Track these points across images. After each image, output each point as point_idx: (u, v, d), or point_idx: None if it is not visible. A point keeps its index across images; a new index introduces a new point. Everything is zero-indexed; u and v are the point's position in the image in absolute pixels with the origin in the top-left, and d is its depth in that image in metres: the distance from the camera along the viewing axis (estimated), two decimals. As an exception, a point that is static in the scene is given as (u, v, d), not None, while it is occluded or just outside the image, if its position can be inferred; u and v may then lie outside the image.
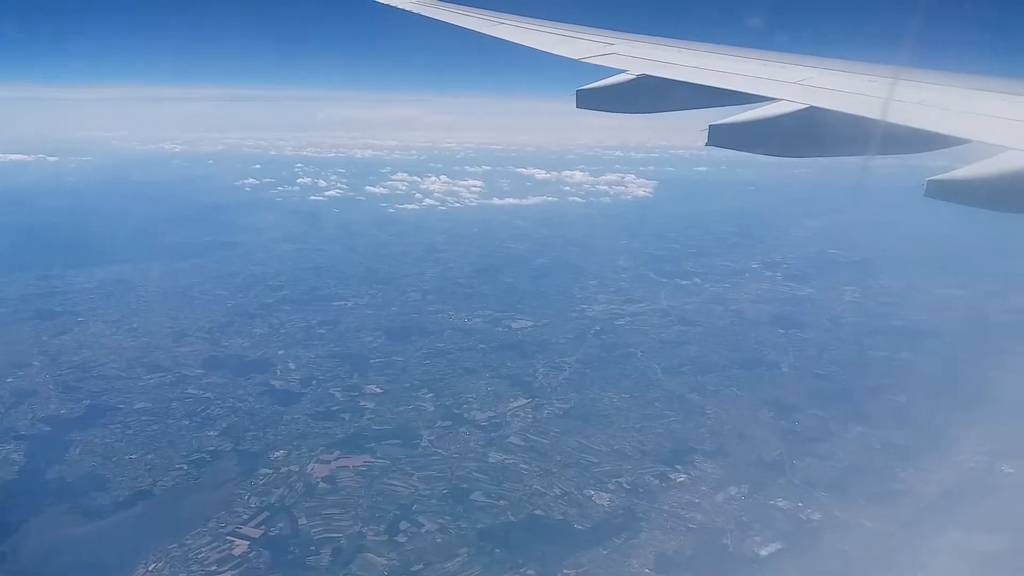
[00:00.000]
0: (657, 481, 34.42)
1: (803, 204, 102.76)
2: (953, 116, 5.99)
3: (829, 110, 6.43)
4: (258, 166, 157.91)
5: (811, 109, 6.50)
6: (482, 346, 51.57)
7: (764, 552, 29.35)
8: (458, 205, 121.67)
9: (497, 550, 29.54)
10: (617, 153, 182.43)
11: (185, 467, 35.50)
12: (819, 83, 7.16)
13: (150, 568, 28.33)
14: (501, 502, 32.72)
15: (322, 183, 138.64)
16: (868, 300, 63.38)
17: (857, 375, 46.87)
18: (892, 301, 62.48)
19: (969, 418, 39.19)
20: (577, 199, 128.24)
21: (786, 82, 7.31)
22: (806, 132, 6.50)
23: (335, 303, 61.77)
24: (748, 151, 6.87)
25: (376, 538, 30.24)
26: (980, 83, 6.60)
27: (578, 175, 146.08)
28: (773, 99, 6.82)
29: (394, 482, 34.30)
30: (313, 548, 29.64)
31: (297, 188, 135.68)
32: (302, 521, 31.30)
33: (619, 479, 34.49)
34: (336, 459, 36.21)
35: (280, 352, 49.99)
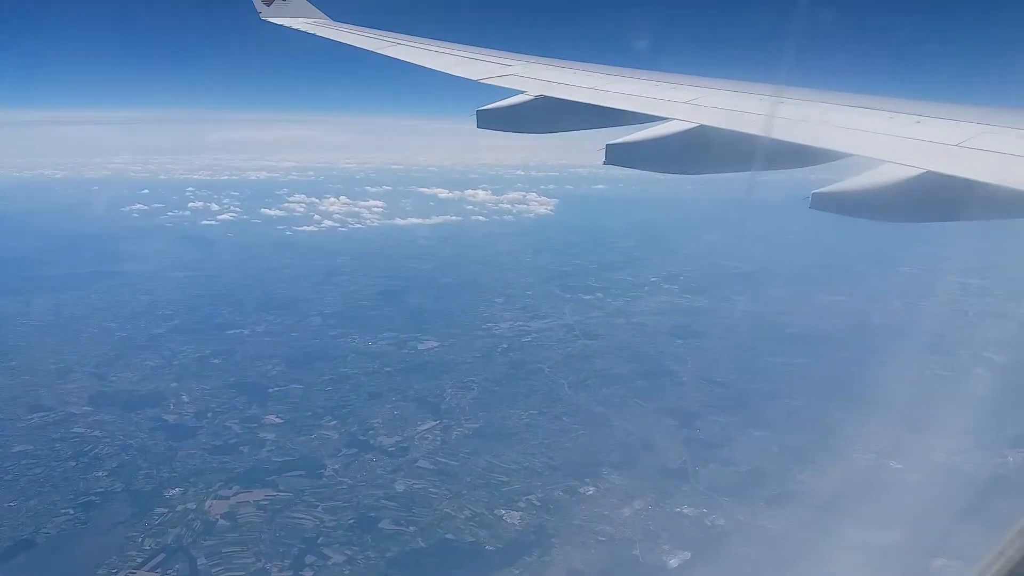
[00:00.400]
0: (567, 496, 34.60)
1: (696, 219, 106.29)
2: (834, 132, 6.25)
3: (718, 128, 6.60)
4: (146, 191, 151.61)
5: (701, 128, 6.66)
6: (387, 369, 50.79)
7: (673, 562, 29.92)
8: (359, 226, 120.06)
9: (407, 578, 29.03)
10: (519, 172, 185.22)
11: (72, 512, 33.28)
12: (708, 102, 7.34)
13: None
14: (411, 528, 32.14)
15: (215, 207, 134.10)
16: (760, 309, 65.86)
17: (753, 381, 48.53)
18: (782, 309, 65.13)
19: (859, 418, 41.11)
20: (480, 218, 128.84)
21: (677, 102, 7.48)
22: (697, 150, 6.65)
23: (230, 331, 59.55)
24: (644, 169, 7.00)
25: (281, 574, 29.11)
26: (859, 100, 6.91)
27: (481, 194, 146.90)
28: (666, 118, 6.97)
29: (298, 515, 33.18)
30: (214, 590, 28.19)
31: (188, 213, 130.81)
32: (201, 561, 29.88)
33: (529, 496, 34.50)
34: (236, 494, 34.75)
35: (173, 385, 47.76)
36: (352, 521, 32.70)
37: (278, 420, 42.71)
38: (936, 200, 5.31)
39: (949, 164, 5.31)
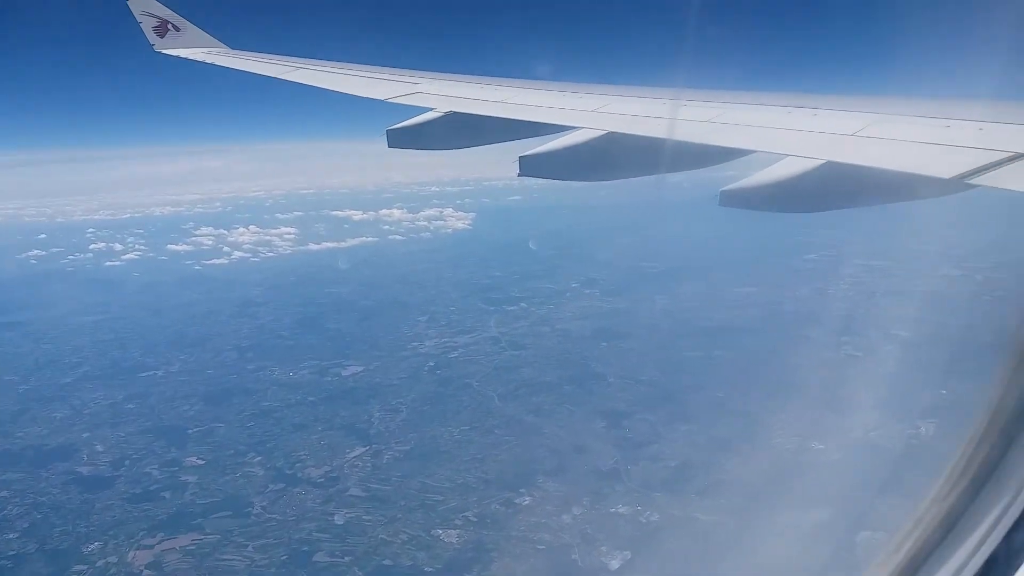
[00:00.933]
0: (503, 508, 34.51)
1: (611, 223, 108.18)
2: (736, 130, 6.41)
3: (626, 134, 6.69)
4: (43, 235, 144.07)
5: (609, 135, 6.75)
6: (311, 399, 49.66)
7: (614, 563, 30.12)
8: (272, 255, 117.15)
9: (347, 608, 28.38)
10: (433, 188, 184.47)
11: (-19, 580, 31.26)
12: (614, 109, 7.46)
13: None
14: (346, 559, 31.51)
15: (118, 247, 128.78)
16: (677, 306, 67.32)
17: (676, 377, 49.49)
18: (698, 305, 66.78)
19: (779, 403, 42.35)
20: (398, 237, 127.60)
21: (584, 111, 7.60)
22: (606, 157, 6.74)
23: (143, 374, 57.17)
24: (557, 178, 7.05)
25: (213, 621, 28.28)
26: (758, 98, 7.10)
27: (396, 213, 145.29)
28: (575, 127, 7.04)
29: (228, 556, 32.20)
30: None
31: (90, 255, 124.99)
32: (127, 617, 28.58)
33: (466, 513, 34.25)
34: (160, 542, 33.41)
35: (85, 435, 45.49)
36: (285, 557, 31.90)
37: (200, 461, 41.26)
38: (836, 188, 5.50)
39: (846, 153, 5.51)
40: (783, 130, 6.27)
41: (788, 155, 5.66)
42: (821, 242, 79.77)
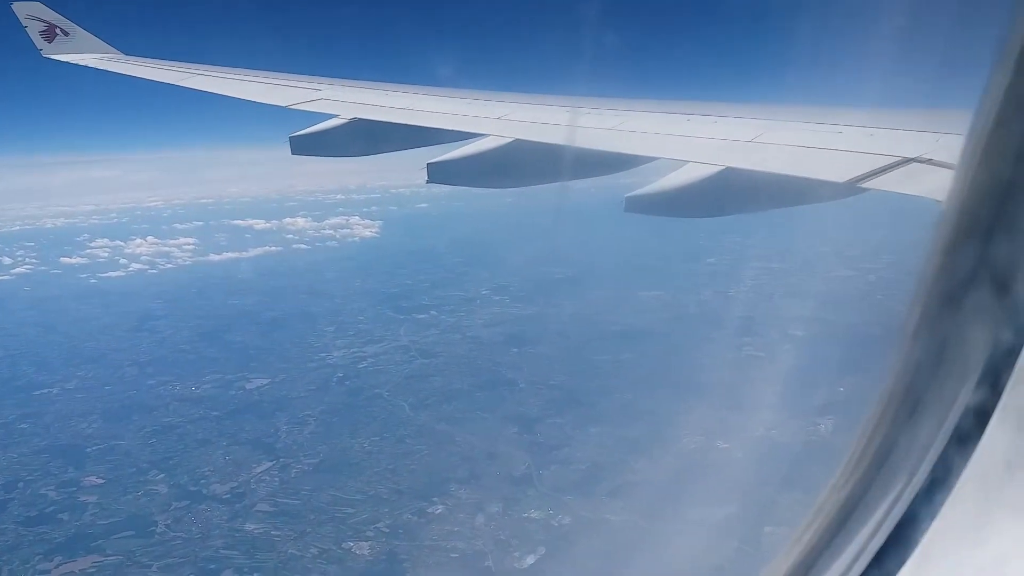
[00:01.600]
0: (416, 518, 34.32)
1: (518, 230, 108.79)
2: (640, 138, 6.63)
3: (532, 141, 6.82)
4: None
5: (516, 142, 6.85)
6: (215, 413, 48.09)
7: (523, 566, 30.41)
8: (170, 266, 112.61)
9: (256, 627, 27.67)
10: (338, 196, 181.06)
11: None
12: (519, 117, 7.58)
13: None
14: (255, 575, 30.69)
15: (7, 260, 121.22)
16: (585, 311, 68.34)
17: (586, 380, 50.32)
18: (606, 309, 68.04)
19: (685, 404, 43.55)
20: (302, 246, 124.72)
21: (490, 118, 7.68)
22: (513, 163, 6.85)
23: (37, 392, 54.16)
24: (465, 185, 7.09)
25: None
26: (659, 106, 7.37)
27: (300, 221, 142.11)
28: (481, 135, 7.10)
29: (130, 578, 30.98)
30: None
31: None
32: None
33: (377, 524, 33.89)
34: (58, 566, 31.98)
35: (-28, 458, 42.82)
36: (191, 577, 30.81)
37: (99, 480, 39.50)
38: (735, 193, 5.77)
39: (744, 159, 5.79)
40: (683, 137, 6.52)
41: (689, 161, 5.92)
42: (722, 246, 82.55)
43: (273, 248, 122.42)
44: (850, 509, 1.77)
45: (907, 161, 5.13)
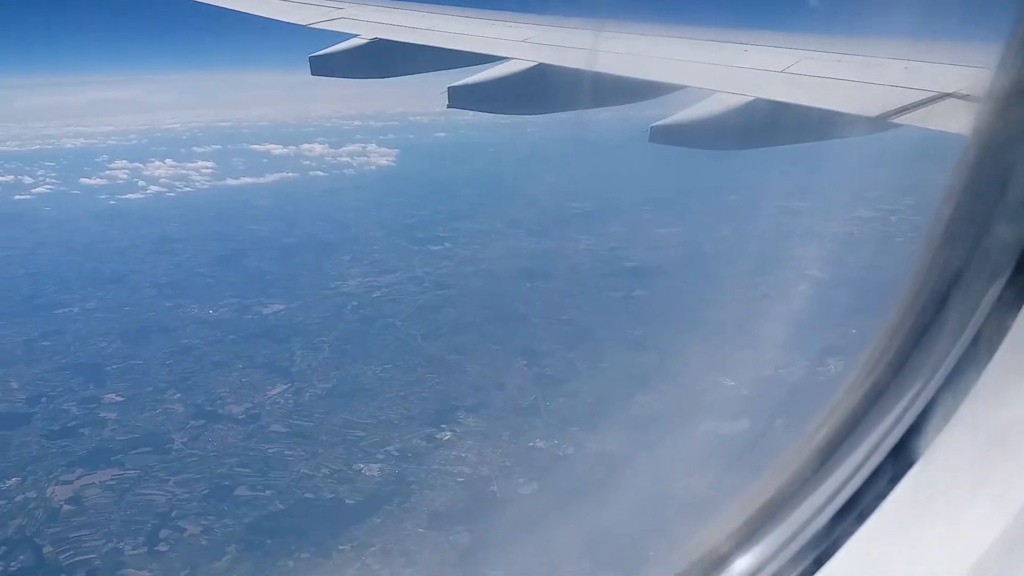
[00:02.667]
0: (425, 443, 35.17)
1: (538, 162, 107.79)
2: (668, 65, 6.48)
3: (556, 66, 6.69)
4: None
5: (540, 66, 6.73)
6: (231, 336, 48.97)
7: (526, 491, 31.22)
8: (189, 190, 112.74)
9: (268, 541, 28.79)
10: (356, 123, 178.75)
11: None
12: (545, 40, 7.41)
13: None
14: (267, 492, 31.80)
15: (28, 180, 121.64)
16: (601, 246, 68.32)
17: (598, 316, 50.59)
18: (621, 244, 67.91)
19: (695, 341, 43.65)
20: (319, 173, 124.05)
21: (515, 41, 7.50)
22: (537, 89, 6.75)
23: (58, 311, 55.22)
24: (487, 111, 7.01)
25: (135, 552, 28.37)
26: (690, 33, 7.17)
27: (318, 148, 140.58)
28: (505, 58, 6.97)
29: (148, 491, 32.16)
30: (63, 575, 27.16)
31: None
32: (47, 549, 28.55)
33: (387, 448, 34.79)
34: (79, 478, 33.09)
35: (-1, 372, 44.20)
36: (206, 492, 32.02)
37: (119, 398, 40.59)
38: (764, 125, 5.66)
39: (775, 90, 5.67)
40: (713, 65, 6.38)
41: (717, 91, 5.79)
42: (743, 182, 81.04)
43: (290, 174, 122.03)
44: (866, 408, 1.85)
45: (943, 96, 4.99)
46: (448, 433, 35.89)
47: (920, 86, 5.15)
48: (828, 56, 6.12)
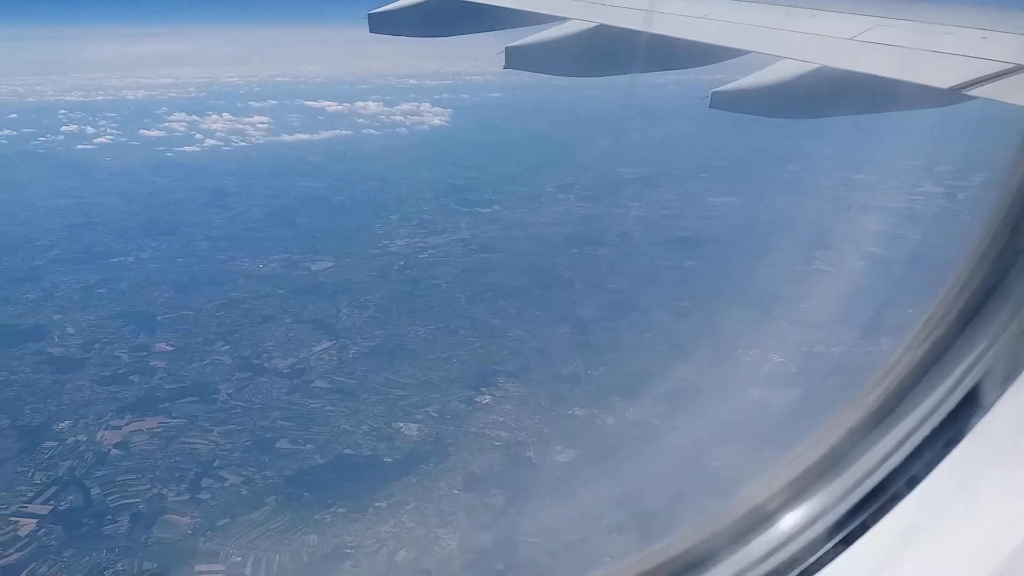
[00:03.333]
0: (464, 406, 35.34)
1: (593, 126, 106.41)
2: (732, 29, 6.15)
3: (616, 27, 6.40)
4: (14, 115, 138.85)
5: (600, 27, 6.45)
6: (280, 291, 49.73)
7: (563, 459, 31.15)
8: (244, 144, 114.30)
9: (306, 493, 29.34)
10: (411, 81, 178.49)
11: (-45, 451, 32.08)
12: (606, 0, 7.11)
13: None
14: (308, 446, 32.38)
15: (90, 130, 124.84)
16: (653, 214, 67.27)
17: (645, 286, 49.92)
18: (675, 213, 66.81)
19: (744, 315, 42.73)
20: (372, 131, 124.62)
21: (574, 1, 7.23)
22: (596, 51, 6.50)
23: (114, 259, 56.95)
24: (545, 72, 6.77)
25: (177, 498, 29.21)
26: None
27: (372, 106, 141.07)
28: (564, 18, 6.73)
29: (193, 440, 33.03)
30: (109, 517, 28.23)
31: (62, 137, 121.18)
32: (95, 491, 29.60)
33: (427, 408, 35.06)
34: (128, 423, 34.13)
35: (56, 317, 45.64)
36: (248, 443, 32.72)
37: (169, 348, 41.65)
38: (830, 94, 5.33)
39: (842, 58, 5.29)
40: (779, 31, 6.05)
41: (783, 58, 5.47)
42: (805, 152, 78.87)
43: (344, 132, 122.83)
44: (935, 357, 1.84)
45: (1021, 68, 4.56)
46: (487, 397, 35.96)
47: (998, 57, 4.73)
48: (901, 23, 5.69)
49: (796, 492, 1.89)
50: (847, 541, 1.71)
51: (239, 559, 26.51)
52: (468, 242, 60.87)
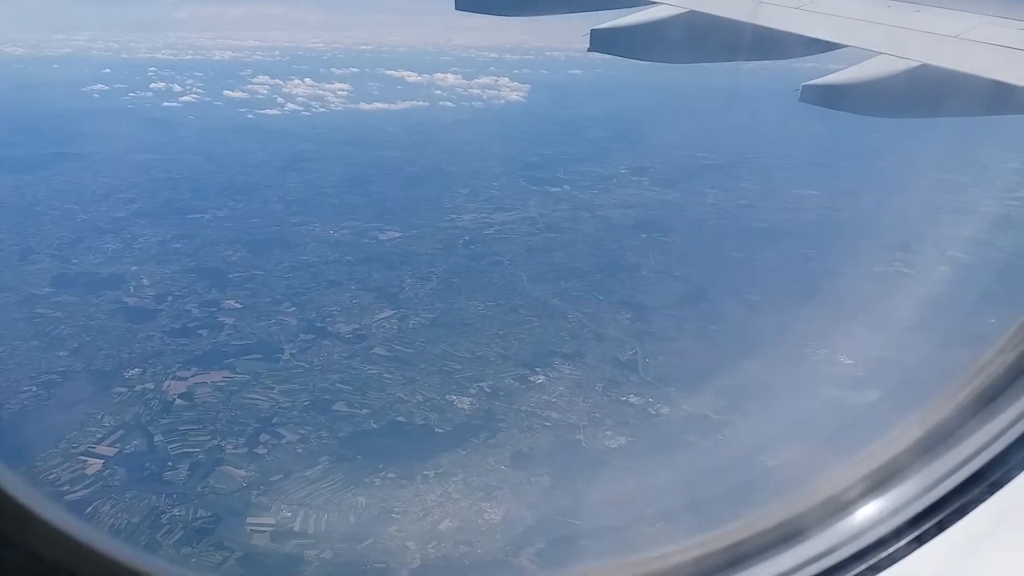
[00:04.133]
0: (517, 384, 35.42)
1: (672, 110, 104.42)
2: (829, 21, 5.86)
3: (707, 14, 6.16)
4: (108, 71, 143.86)
5: (690, 13, 6.21)
6: (348, 258, 50.59)
7: (613, 445, 30.88)
8: (323, 110, 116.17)
9: (359, 456, 30.00)
10: (492, 55, 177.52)
11: (34, 389, 33.93)
12: None
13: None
14: (363, 411, 33.02)
15: (177, 88, 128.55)
16: (729, 203, 65.70)
17: (714, 276, 48.88)
18: (751, 203, 65.10)
19: (815, 314, 41.47)
20: (449, 103, 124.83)
21: None
22: (684, 37, 6.27)
23: (192, 216, 58.85)
24: (629, 57, 6.57)
25: (235, 451, 30.22)
26: None
27: (450, 78, 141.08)
28: (653, 2, 6.50)
29: (254, 396, 34.04)
30: (170, 464, 29.37)
31: (150, 94, 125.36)
32: (158, 438, 30.82)
33: (481, 383, 35.28)
34: (193, 375, 35.37)
35: (133, 268, 47.56)
36: (307, 403, 33.55)
37: (237, 305, 42.89)
38: (929, 95, 5.01)
39: (945, 57, 4.96)
40: (879, 25, 5.70)
41: (881, 53, 5.12)
42: (894, 150, 75.65)
43: (421, 103, 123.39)
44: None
45: None
46: (542, 377, 35.90)
47: None
48: (1009, 22, 5.23)
49: (870, 487, 1.88)
50: (921, 540, 1.70)
51: (289, 515, 27.26)
52: (535, 220, 60.57)
